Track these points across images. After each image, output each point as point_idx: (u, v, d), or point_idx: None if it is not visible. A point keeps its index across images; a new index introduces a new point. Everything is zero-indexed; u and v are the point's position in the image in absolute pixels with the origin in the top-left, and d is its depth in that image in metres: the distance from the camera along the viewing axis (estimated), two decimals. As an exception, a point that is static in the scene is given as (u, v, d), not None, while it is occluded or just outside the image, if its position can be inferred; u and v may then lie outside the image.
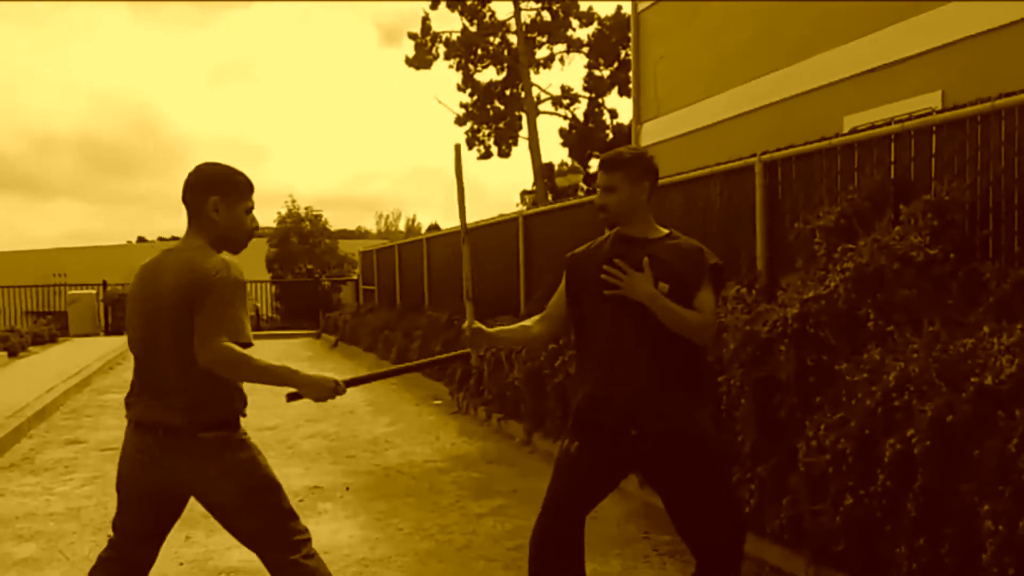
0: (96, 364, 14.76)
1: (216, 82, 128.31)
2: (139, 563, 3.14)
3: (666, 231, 3.32)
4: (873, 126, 5.64)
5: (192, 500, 3.13)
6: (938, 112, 5.08)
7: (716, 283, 3.25)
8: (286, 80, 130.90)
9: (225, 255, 3.05)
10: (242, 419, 3.11)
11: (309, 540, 3.12)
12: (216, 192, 3.07)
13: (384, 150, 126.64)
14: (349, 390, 3.13)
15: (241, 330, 2.91)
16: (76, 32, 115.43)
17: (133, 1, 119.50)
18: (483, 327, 3.34)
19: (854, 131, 5.70)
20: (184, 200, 3.11)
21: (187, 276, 2.92)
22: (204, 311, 2.86)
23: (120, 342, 20.05)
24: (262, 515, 3.05)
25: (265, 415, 9.82)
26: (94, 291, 24.41)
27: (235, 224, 3.12)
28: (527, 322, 3.53)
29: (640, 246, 3.22)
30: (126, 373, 14.73)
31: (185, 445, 2.97)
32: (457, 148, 3.34)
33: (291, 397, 3.10)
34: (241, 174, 3.16)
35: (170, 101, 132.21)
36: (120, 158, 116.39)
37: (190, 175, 3.12)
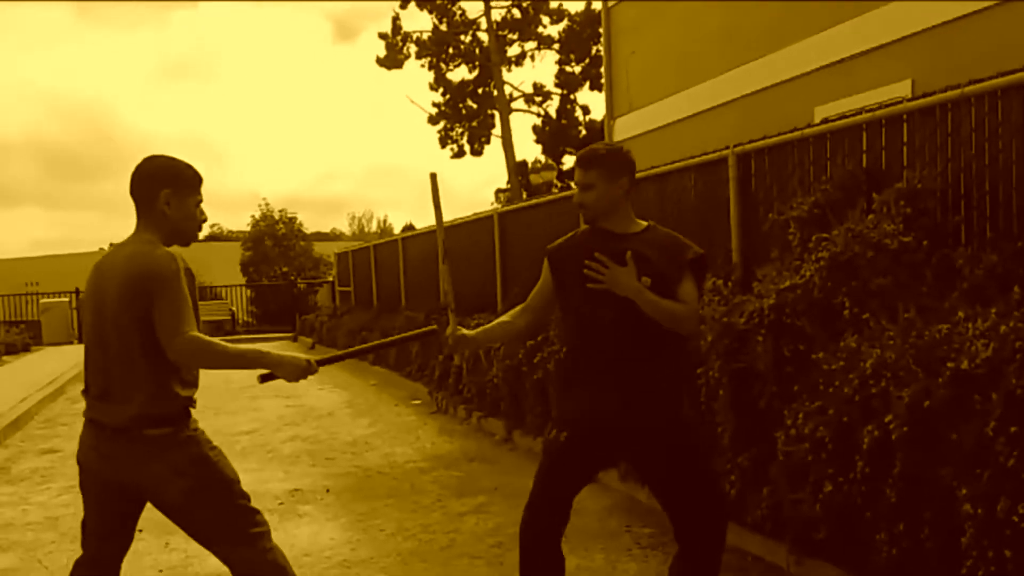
0: (70, 372, 14.59)
1: (169, 82, 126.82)
2: (105, 563, 3.11)
3: (645, 224, 3.32)
4: (844, 116, 5.67)
5: None
6: (908, 100, 5.11)
7: (698, 274, 3.25)
8: (241, 79, 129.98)
9: (173, 248, 3.01)
10: (195, 415, 3.07)
11: (267, 532, 3.08)
12: (168, 185, 3.03)
13: (350, 149, 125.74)
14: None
15: (198, 321, 2.91)
16: (15, 33, 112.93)
17: (76, 1, 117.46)
18: (466, 332, 3.38)
19: (825, 121, 5.73)
20: (133, 194, 3.06)
21: (136, 271, 2.89)
22: (164, 305, 2.83)
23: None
24: (211, 511, 3.01)
25: (243, 419, 9.77)
26: (67, 299, 24.17)
27: (186, 217, 3.08)
28: (505, 317, 3.54)
29: (620, 240, 3.22)
30: (101, 381, 14.62)
31: (130, 443, 2.94)
32: (433, 177, 3.33)
33: (263, 379, 3.05)
34: (191, 167, 3.11)
35: (124, 102, 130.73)
36: (78, 162, 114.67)
37: (139, 168, 3.06)
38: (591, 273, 3.10)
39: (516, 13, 33.14)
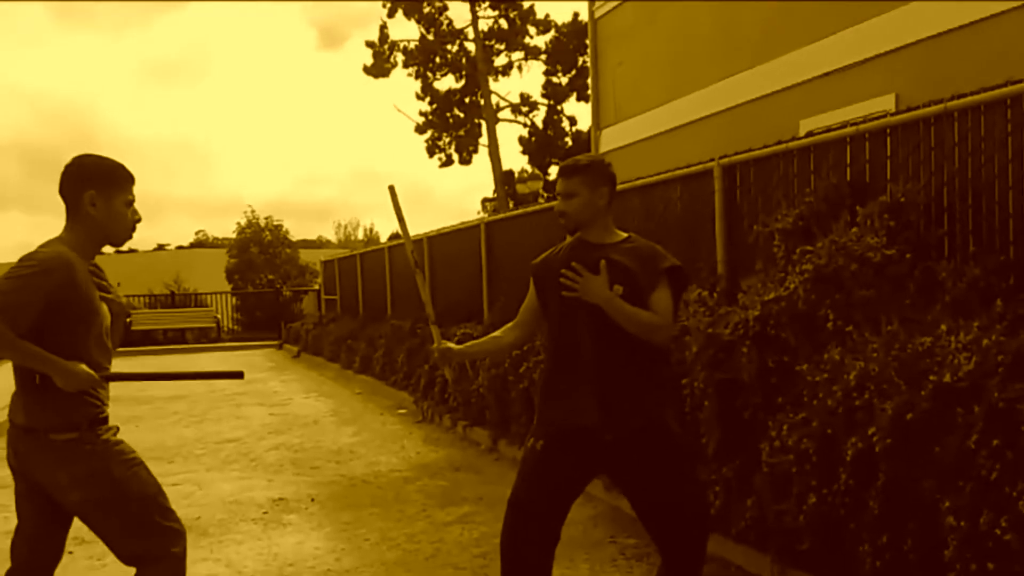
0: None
1: (154, 86, 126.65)
2: (35, 574, 3.07)
3: (625, 235, 3.37)
4: (829, 129, 5.70)
5: None
6: (892, 115, 5.15)
7: (674, 285, 3.27)
8: (228, 83, 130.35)
9: (64, 249, 2.90)
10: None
11: (182, 556, 3.05)
12: (92, 186, 2.97)
13: (337, 156, 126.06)
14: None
15: (7, 307, 2.72)
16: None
17: (54, 2, 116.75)
18: (452, 345, 3.47)
19: (810, 135, 5.76)
20: (60, 194, 3.01)
21: None
22: None
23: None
24: (117, 522, 2.97)
25: (227, 427, 9.74)
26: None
27: (113, 218, 3.01)
28: (497, 332, 3.60)
29: (597, 250, 3.26)
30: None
31: (40, 447, 2.91)
32: (391, 189, 3.50)
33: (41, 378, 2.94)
34: (121, 166, 3.05)
35: (108, 105, 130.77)
36: (61, 165, 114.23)
37: (66, 168, 3.01)
38: (566, 282, 3.14)
39: (503, 23, 33.18)
